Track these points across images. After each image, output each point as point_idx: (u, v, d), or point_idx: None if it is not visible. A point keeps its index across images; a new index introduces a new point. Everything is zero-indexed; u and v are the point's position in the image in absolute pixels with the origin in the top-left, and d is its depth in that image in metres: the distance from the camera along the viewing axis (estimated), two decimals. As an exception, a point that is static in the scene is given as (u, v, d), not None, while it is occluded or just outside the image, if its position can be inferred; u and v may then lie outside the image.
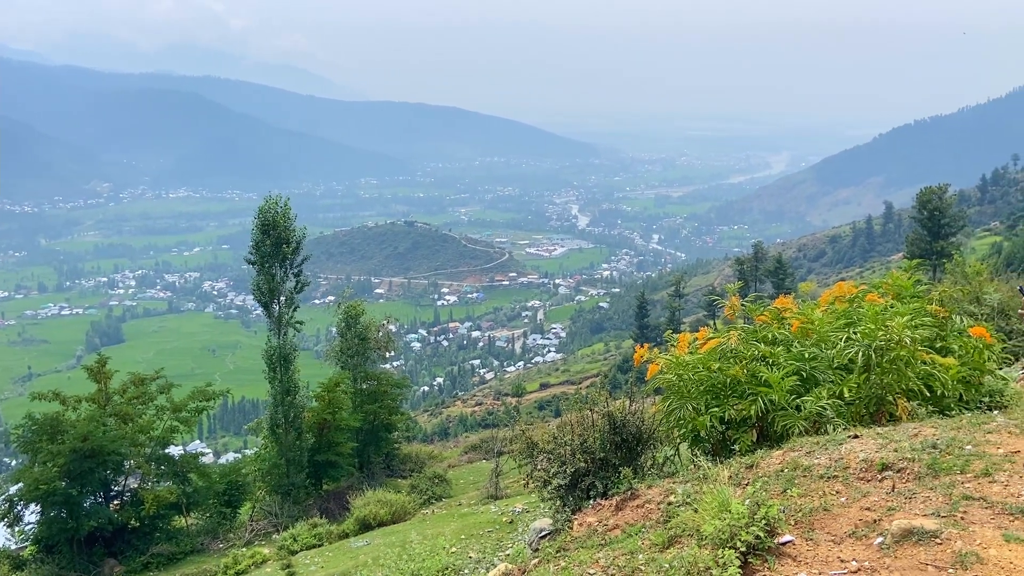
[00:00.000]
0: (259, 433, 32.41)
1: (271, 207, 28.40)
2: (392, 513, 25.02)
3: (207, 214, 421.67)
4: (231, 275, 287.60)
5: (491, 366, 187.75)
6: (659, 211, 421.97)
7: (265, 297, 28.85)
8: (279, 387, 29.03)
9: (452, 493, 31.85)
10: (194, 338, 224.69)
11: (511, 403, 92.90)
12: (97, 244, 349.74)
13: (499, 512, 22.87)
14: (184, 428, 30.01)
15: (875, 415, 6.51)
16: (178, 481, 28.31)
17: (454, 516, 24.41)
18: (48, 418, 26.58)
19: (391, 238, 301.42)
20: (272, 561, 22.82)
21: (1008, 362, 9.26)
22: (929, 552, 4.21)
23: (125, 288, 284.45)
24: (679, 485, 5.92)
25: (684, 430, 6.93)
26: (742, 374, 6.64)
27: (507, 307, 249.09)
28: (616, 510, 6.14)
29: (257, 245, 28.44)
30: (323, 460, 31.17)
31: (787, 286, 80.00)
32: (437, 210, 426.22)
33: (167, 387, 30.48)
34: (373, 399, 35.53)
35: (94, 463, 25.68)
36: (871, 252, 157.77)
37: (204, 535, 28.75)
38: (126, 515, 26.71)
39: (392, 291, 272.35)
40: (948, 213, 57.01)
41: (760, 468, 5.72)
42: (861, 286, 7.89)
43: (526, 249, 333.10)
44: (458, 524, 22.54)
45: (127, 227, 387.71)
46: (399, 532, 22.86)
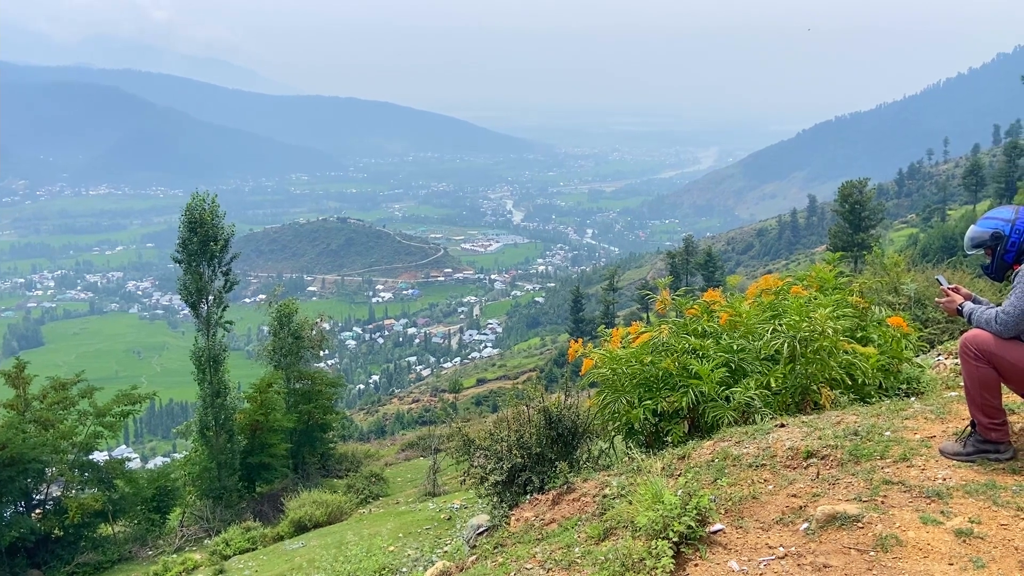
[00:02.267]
0: (188, 436, 31.56)
1: (198, 204, 27.66)
2: (328, 514, 24.70)
3: (130, 212, 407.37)
4: (156, 274, 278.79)
5: (428, 363, 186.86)
6: (593, 206, 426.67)
7: (192, 297, 28.09)
8: (209, 389, 28.32)
9: (389, 492, 31.66)
10: (118, 340, 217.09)
11: (448, 399, 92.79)
12: (13, 244, 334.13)
13: (437, 509, 22.82)
14: (109, 433, 29.00)
15: (800, 404, 6.72)
16: (103, 488, 27.39)
17: (392, 515, 24.25)
18: (-38, 426, 25.36)
19: (323, 235, 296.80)
20: (204, 567, 22.27)
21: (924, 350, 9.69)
22: (852, 536, 4.38)
23: (44, 289, 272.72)
24: (614, 478, 6.00)
25: (618, 423, 7.04)
26: (673, 367, 6.78)
27: (443, 303, 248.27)
28: (553, 504, 6.19)
29: (184, 243, 27.67)
30: (256, 462, 30.58)
31: (717, 279, 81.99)
32: (371, 206, 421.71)
33: (89, 391, 29.40)
34: (307, 399, 35.04)
35: (14, 471, 24.64)
36: (796, 244, 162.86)
37: (132, 543, 27.89)
38: (49, 524, 25.72)
39: (326, 289, 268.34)
40: (868, 206, 59.26)
41: (692, 459, 5.85)
42: (786, 279, 8.13)
43: (461, 245, 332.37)
44: (396, 522, 22.40)
45: (45, 226, 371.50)
46: (335, 533, 22.59)
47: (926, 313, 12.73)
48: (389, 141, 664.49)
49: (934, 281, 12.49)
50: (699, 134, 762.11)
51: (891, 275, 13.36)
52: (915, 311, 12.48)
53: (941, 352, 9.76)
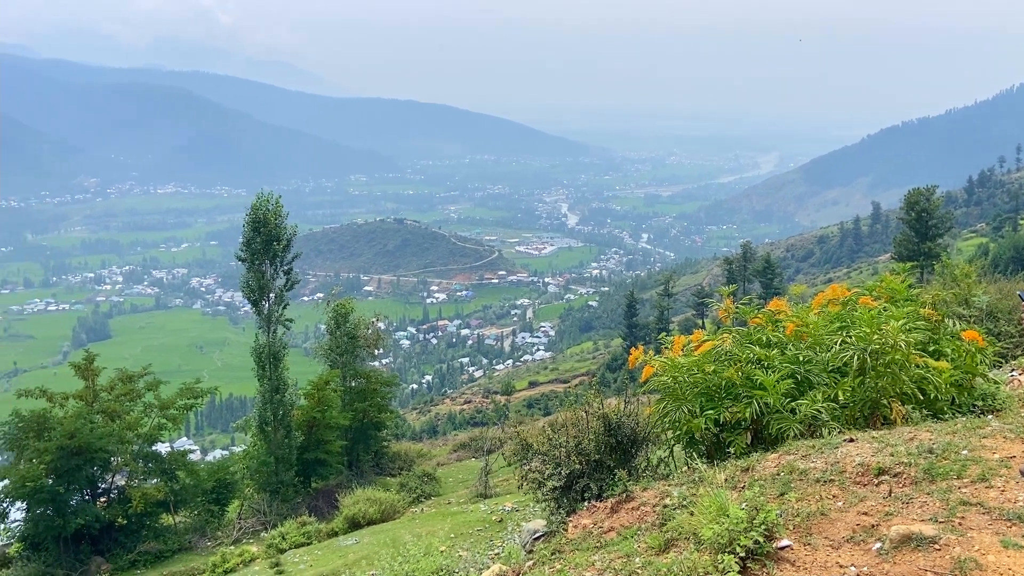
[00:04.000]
0: (247, 431, 32.27)
1: (262, 204, 28.26)
2: (381, 512, 24.96)
3: (196, 210, 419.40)
4: (219, 271, 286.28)
5: (480, 364, 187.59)
6: (648, 210, 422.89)
7: (255, 294, 28.70)
8: (268, 385, 28.89)
9: (441, 491, 31.82)
10: (181, 335, 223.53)
11: (500, 401, 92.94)
12: (84, 239, 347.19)
13: (489, 511, 22.86)
14: (171, 426, 29.84)
15: (870, 418, 6.52)
16: (166, 479, 28.15)
17: (444, 515, 24.39)
18: (34, 415, 26.36)
19: (381, 235, 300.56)
20: (260, 559, 22.73)
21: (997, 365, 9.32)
22: (928, 558, 4.22)
23: (112, 284, 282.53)
24: (675, 488, 5.91)
25: (679, 432, 6.93)
26: (737, 377, 6.64)
27: (496, 305, 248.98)
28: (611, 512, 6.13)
29: (248, 242, 28.30)
30: (312, 458, 31.06)
31: (776, 286, 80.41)
32: (427, 208, 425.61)
33: (155, 384, 30.31)
34: (362, 397, 35.43)
35: (81, 460, 25.50)
36: (859, 253, 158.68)
37: (192, 533, 28.60)
38: (113, 513, 26.54)
39: (381, 289, 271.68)
40: (936, 214, 57.34)
41: (756, 471, 5.72)
42: (854, 289, 7.91)
43: (516, 247, 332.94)
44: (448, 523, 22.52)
45: (114, 223, 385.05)
46: (389, 531, 22.81)
47: (998, 326, 12.27)
48: (446, 143, 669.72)
49: (1015, 296, 12.03)
50: (759, 138, 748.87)
51: (962, 286, 12.91)
52: (988, 324, 12.03)
53: (1015, 368, 9.38)
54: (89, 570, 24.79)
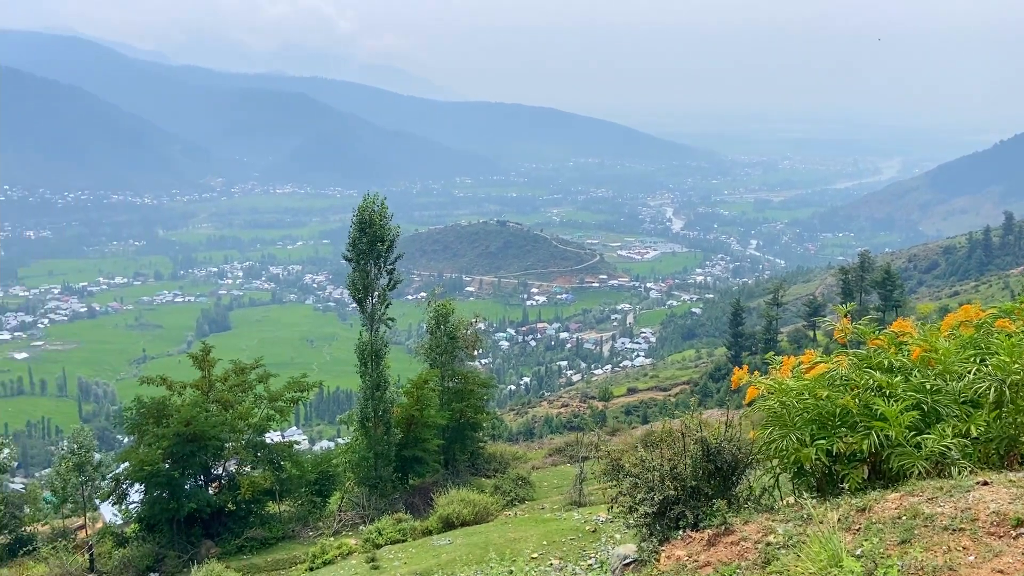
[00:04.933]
0: (350, 425, 33.05)
1: (368, 206, 28.88)
2: (475, 513, 25.01)
3: (310, 210, 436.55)
4: (330, 269, 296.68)
5: (578, 368, 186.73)
6: (758, 216, 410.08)
7: (360, 293, 29.37)
8: (370, 382, 29.50)
9: (535, 496, 31.63)
10: (294, 328, 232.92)
11: (597, 407, 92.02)
12: (209, 236, 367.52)
13: (582, 520, 22.50)
14: (279, 417, 30.91)
15: (1006, 458, 5.84)
16: (273, 468, 29.14)
17: (536, 521, 24.18)
18: (155, 402, 27.84)
19: (483, 237, 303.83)
20: (358, 553, 23.19)
21: None
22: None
23: (233, 278, 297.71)
24: (780, 524, 5.44)
25: (786, 462, 6.41)
26: (854, 404, 6.08)
27: (596, 309, 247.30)
28: (708, 545, 5.72)
29: (354, 243, 28.99)
30: (410, 455, 31.49)
31: (895, 298, 76.21)
32: (529, 210, 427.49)
33: (265, 376, 31.49)
34: (460, 397, 35.66)
35: (196, 447, 26.73)
36: (988, 265, 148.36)
37: (295, 522, 29.50)
38: (223, 499, 27.69)
39: (482, 289, 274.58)
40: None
41: (874, 512, 5.18)
42: (990, 310, 7.14)
43: (618, 251, 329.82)
44: (540, 529, 22.29)
45: (237, 220, 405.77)
46: (481, 533, 22.80)
47: None
48: (550, 146, 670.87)
49: None
50: (881, 143, 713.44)
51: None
52: None
53: None
54: (200, 553, 25.93)
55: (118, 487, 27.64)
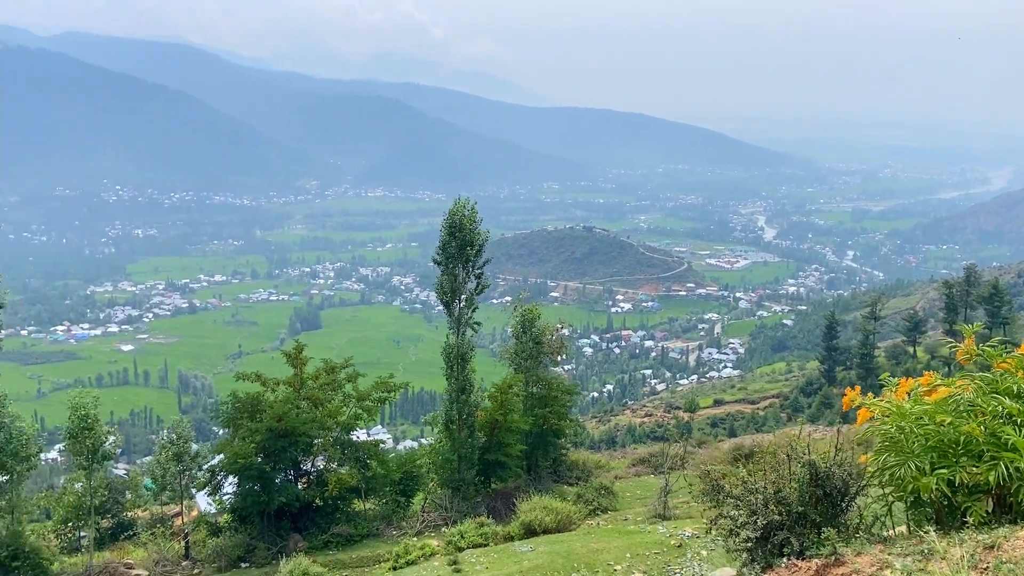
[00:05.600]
0: (435, 426, 33.37)
1: (459, 210, 29.11)
2: (557, 521, 24.83)
3: (400, 213, 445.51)
4: (418, 271, 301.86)
5: (663, 377, 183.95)
6: (856, 226, 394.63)
7: (447, 296, 29.61)
8: (455, 384, 29.70)
9: (618, 506, 31.18)
10: (382, 329, 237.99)
11: (682, 418, 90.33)
12: (303, 237, 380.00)
13: (667, 534, 22.00)
14: (367, 416, 31.48)
15: None
16: (359, 466, 29.69)
17: (619, 532, 23.80)
18: (249, 397, 28.82)
19: (569, 242, 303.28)
20: (440, 555, 23.33)
21: None
22: None
23: (325, 279, 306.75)
24: (897, 558, 5.07)
25: (903, 491, 5.99)
26: (979, 432, 5.62)
27: (683, 318, 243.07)
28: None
29: (443, 246, 29.26)
30: (493, 459, 31.53)
31: (1003, 315, 71.94)
32: (616, 216, 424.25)
33: (354, 376, 32.17)
34: (543, 403, 35.52)
35: (287, 442, 27.51)
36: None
37: (379, 520, 29.96)
38: (312, 494, 28.40)
39: (567, 295, 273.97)
40: None
41: (1003, 551, 4.76)
42: None
43: (706, 260, 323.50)
44: (623, 541, 21.91)
45: (330, 222, 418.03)
46: (563, 542, 22.59)
47: None
48: (640, 152, 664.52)
49: None
50: (992, 152, 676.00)
51: None
52: None
53: None
54: (288, 546, 26.62)
55: (213, 478, 28.73)
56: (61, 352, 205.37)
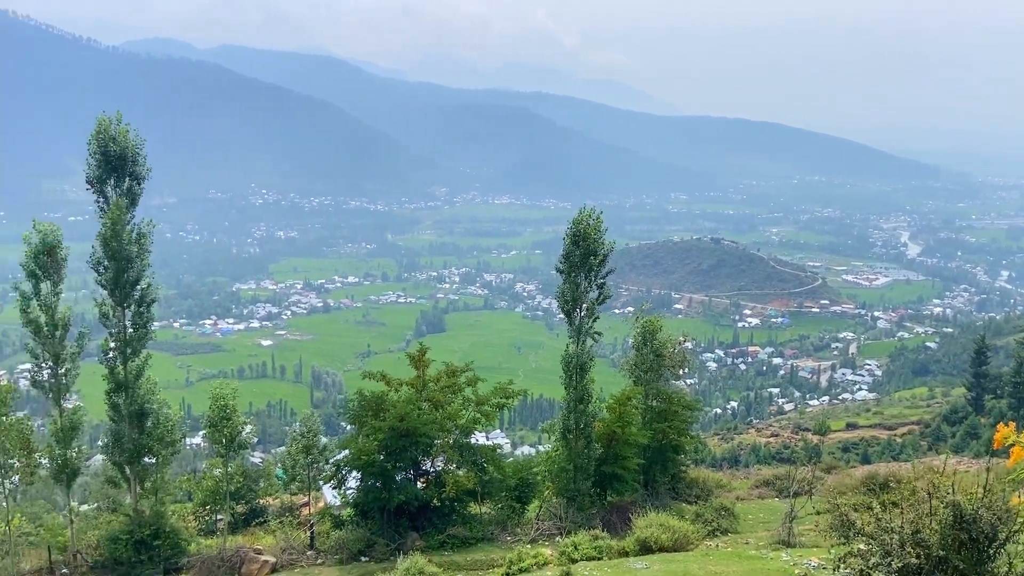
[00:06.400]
0: (552, 434, 33.36)
1: (584, 219, 29.03)
2: (674, 540, 24.25)
3: (525, 220, 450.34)
4: (540, 279, 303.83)
5: (791, 397, 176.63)
6: (1012, 244, 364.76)
7: (568, 305, 29.56)
8: (574, 394, 29.59)
9: (739, 529, 30.11)
10: (503, 334, 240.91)
11: (811, 440, 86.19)
12: (432, 242, 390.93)
13: (791, 562, 21.06)
14: (485, 421, 31.83)
15: None
16: (476, 469, 30.05)
17: (740, 556, 22.97)
18: (374, 396, 29.82)
19: (695, 254, 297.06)
20: (553, 565, 23.26)
21: None
22: None
23: (450, 283, 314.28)
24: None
25: (1063, 542, 5.37)
26: None
27: (814, 336, 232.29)
28: (958, 627, 4.89)
29: (567, 255, 29.27)
30: (609, 472, 31.16)
31: None
32: (746, 229, 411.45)
33: (474, 380, 32.61)
34: (663, 417, 34.82)
35: (408, 442, 28.25)
36: None
37: (494, 525, 30.19)
38: (430, 494, 29.00)
39: (691, 308, 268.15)
40: None
41: None
42: None
43: (842, 276, 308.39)
44: (743, 567, 21.14)
45: (457, 228, 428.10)
46: (680, 562, 22.02)
47: None
48: (773, 163, 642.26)
49: None
50: None
51: None
52: None
53: None
54: (406, 543, 27.30)
55: (338, 472, 29.88)
56: (208, 344, 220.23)
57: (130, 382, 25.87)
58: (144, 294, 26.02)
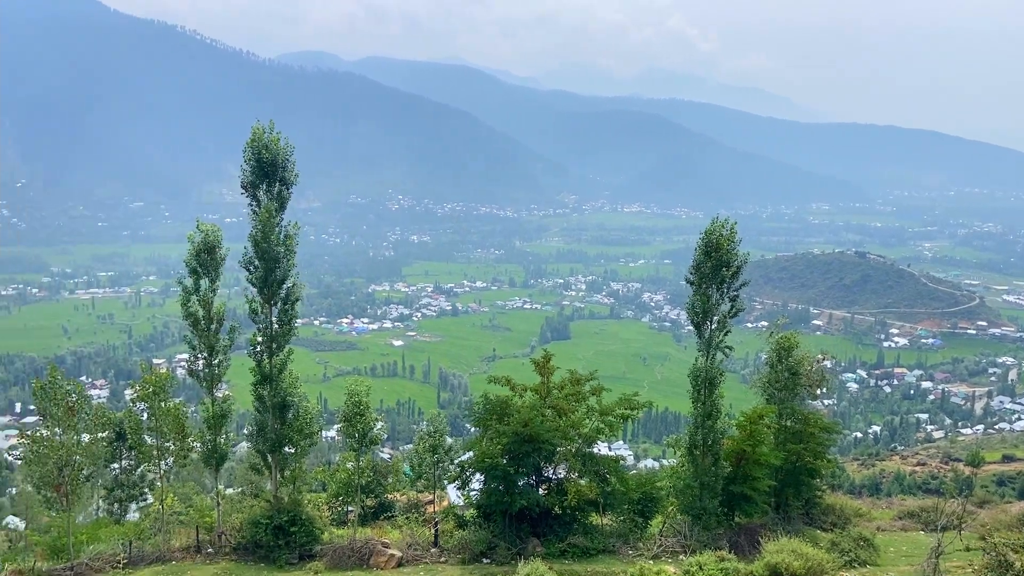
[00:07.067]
0: (677, 449, 32.52)
1: (716, 229, 28.18)
2: (807, 568, 23.10)
3: (654, 229, 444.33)
4: (669, 289, 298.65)
5: (941, 423, 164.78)
6: None
7: (698, 317, 28.73)
8: (702, 409, 28.71)
9: (879, 562, 28.29)
10: (628, 344, 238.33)
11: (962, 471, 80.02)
12: (559, 249, 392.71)
13: (937, 603, 19.53)
14: (608, 431, 31.43)
15: None
16: (598, 480, 29.70)
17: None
18: (499, 400, 30.12)
19: (837, 268, 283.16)
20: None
21: None
22: None
23: (576, 291, 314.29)
24: None
25: None
26: None
27: (969, 359, 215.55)
28: None
29: (697, 266, 28.48)
30: (737, 492, 30.02)
31: None
32: (895, 243, 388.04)
33: (599, 390, 32.27)
34: (798, 438, 33.26)
35: (530, 447, 28.31)
36: None
37: (615, 537, 29.75)
38: (551, 501, 28.92)
39: (831, 325, 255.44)
40: None
41: None
42: None
43: (1003, 296, 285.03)
44: (883, 603, 19.80)
45: (584, 236, 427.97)
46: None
47: None
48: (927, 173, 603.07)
49: None
50: None
51: None
52: None
53: None
54: (527, 548, 27.36)
55: (463, 473, 30.35)
56: (344, 342, 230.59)
57: (274, 375, 27.32)
58: (289, 293, 27.42)
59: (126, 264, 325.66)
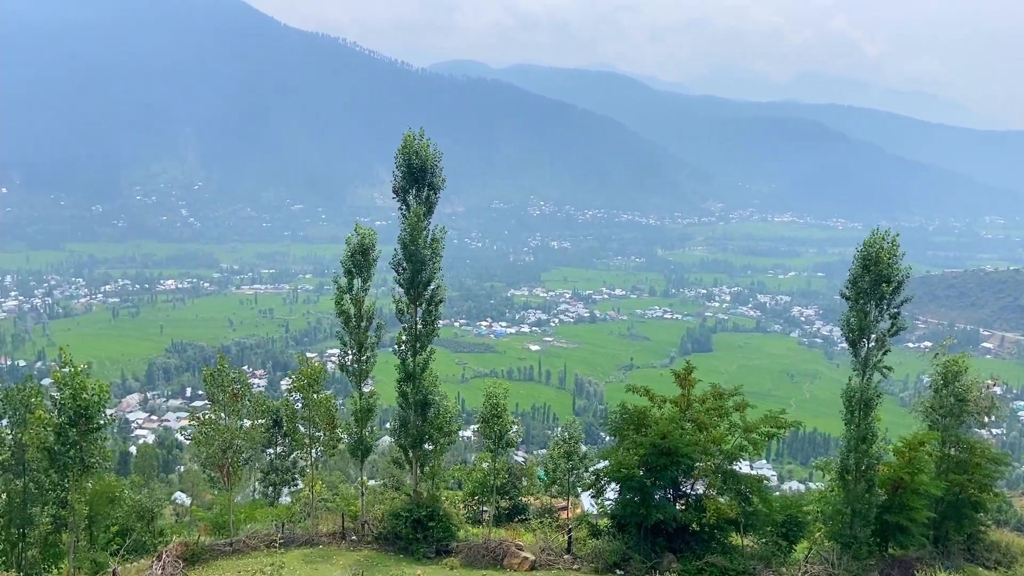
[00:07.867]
0: (826, 473, 30.87)
1: (876, 241, 26.57)
2: (969, 610, 21.21)
3: (807, 240, 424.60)
4: (821, 303, 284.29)
5: None
6: None
7: (854, 334, 27.16)
8: (855, 432, 27.11)
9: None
10: (775, 360, 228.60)
11: None
12: (702, 258, 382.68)
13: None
14: (752, 449, 30.20)
15: None
16: (740, 499, 28.59)
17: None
18: (637, 410, 29.68)
19: (1012, 287, 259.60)
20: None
21: None
22: None
23: (720, 302, 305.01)
24: None
25: None
26: None
27: None
28: None
29: (854, 280, 26.95)
30: (893, 521, 28.14)
31: None
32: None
33: (743, 406, 31.08)
34: (962, 469, 30.89)
35: (668, 461, 27.70)
36: None
37: (756, 560, 28.55)
38: (689, 517, 28.13)
39: (1003, 348, 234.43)
40: None
41: None
42: None
43: None
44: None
45: (730, 246, 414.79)
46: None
47: None
48: None
49: None
50: None
51: None
52: None
53: None
54: (662, 563, 26.80)
55: (597, 481, 30.15)
56: (482, 344, 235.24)
57: (417, 373, 28.30)
58: (434, 294, 28.36)
59: (286, 262, 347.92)
